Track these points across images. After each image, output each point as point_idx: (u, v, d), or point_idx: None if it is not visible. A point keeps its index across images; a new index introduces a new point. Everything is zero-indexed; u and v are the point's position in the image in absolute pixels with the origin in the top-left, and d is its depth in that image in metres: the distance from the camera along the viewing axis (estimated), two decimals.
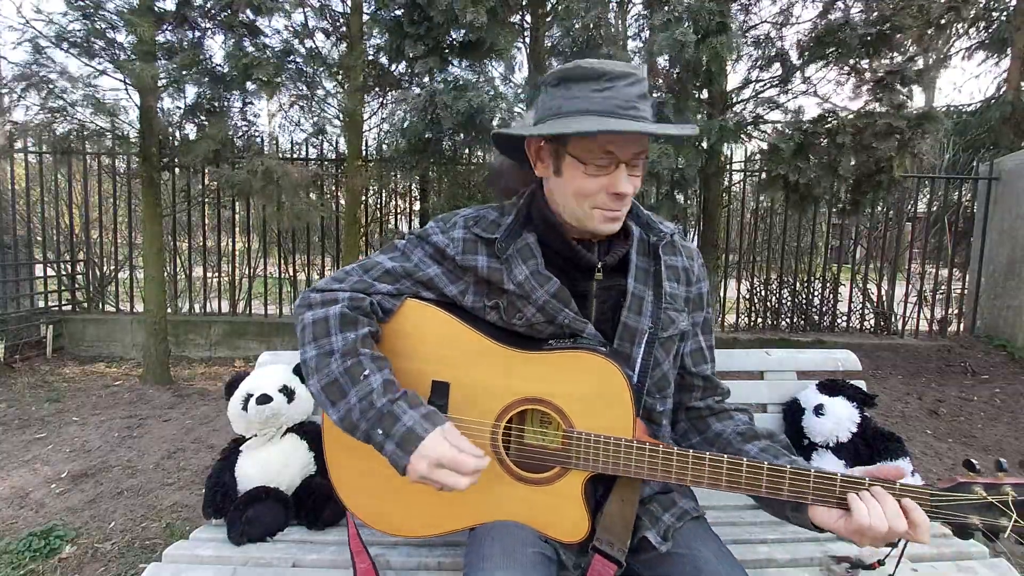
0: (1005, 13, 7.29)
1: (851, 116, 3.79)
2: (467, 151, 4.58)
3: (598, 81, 0.87)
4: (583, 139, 0.88)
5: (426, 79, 3.75)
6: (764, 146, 4.22)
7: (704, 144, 3.88)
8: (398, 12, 3.88)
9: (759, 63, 4.89)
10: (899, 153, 3.64)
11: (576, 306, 0.96)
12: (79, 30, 3.53)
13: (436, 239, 1.00)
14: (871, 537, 0.78)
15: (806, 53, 4.34)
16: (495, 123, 3.82)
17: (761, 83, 4.95)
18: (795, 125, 3.86)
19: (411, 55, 3.74)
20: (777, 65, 4.69)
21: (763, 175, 4.35)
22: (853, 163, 3.70)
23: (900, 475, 0.83)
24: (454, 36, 3.90)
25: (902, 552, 0.85)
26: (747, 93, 5.07)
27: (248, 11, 3.64)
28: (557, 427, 0.94)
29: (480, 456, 0.83)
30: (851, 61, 4.16)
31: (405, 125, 3.84)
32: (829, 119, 3.72)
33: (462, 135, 3.84)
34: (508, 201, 1.05)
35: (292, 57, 4.10)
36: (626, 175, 0.89)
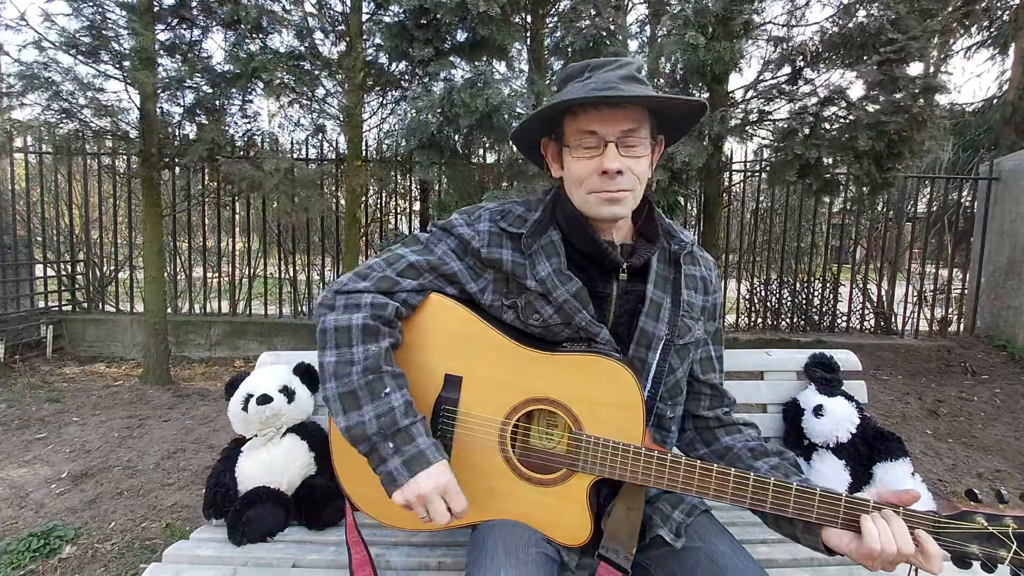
0: (1007, 13, 7.28)
1: (859, 97, 3.81)
2: (481, 151, 4.56)
3: (581, 74, 0.95)
4: (573, 127, 0.92)
5: (431, 80, 3.74)
6: (770, 138, 4.22)
7: (706, 141, 3.88)
8: (401, 15, 3.86)
9: (768, 65, 4.88)
10: (912, 126, 3.62)
11: (594, 309, 0.96)
12: (85, 37, 3.53)
13: (461, 231, 0.99)
14: (882, 560, 0.77)
15: (811, 57, 4.36)
16: (513, 122, 3.80)
17: (769, 82, 4.93)
18: (805, 110, 3.88)
19: (418, 57, 3.72)
20: (787, 67, 4.69)
21: (772, 162, 4.31)
22: (870, 136, 3.68)
23: (914, 499, 0.81)
24: (459, 37, 3.89)
25: None
26: (751, 92, 5.05)
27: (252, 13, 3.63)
28: (566, 429, 0.93)
29: (465, 505, 0.88)
30: (858, 64, 4.20)
31: (414, 124, 3.80)
32: (836, 99, 3.74)
33: (477, 134, 3.81)
34: (534, 198, 1.05)
35: (293, 55, 4.09)
36: (615, 153, 0.90)
